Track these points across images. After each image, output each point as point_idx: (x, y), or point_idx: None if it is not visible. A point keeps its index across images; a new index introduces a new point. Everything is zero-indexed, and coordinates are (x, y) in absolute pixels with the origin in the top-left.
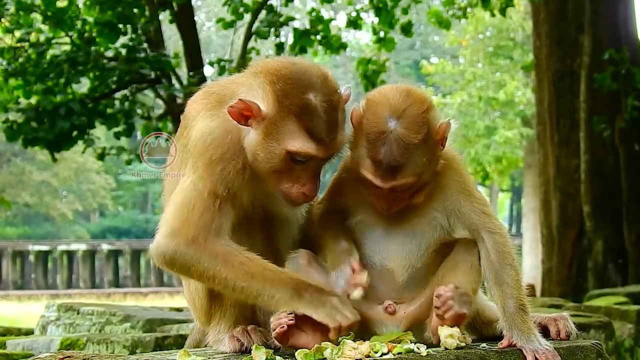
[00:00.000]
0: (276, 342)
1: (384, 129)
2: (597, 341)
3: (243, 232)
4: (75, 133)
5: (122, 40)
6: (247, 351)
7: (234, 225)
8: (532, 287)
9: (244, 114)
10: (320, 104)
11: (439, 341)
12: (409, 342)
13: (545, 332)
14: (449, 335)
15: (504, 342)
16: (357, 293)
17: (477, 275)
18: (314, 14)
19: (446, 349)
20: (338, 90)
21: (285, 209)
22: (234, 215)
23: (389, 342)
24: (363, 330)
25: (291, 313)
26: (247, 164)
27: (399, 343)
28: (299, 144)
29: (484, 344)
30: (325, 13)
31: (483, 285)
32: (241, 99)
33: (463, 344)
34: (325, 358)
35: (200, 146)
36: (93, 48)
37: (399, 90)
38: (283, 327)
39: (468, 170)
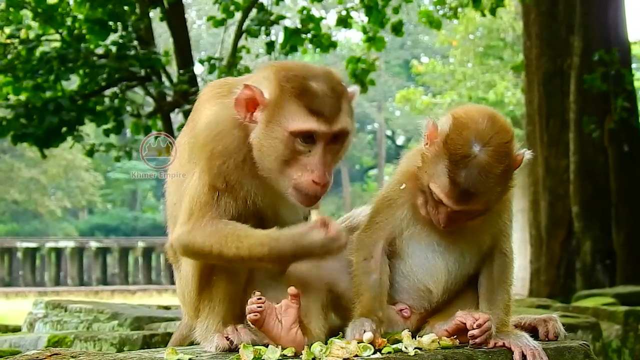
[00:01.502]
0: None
1: (469, 152)
2: (584, 342)
3: None
4: (64, 129)
5: (113, 37)
6: (235, 350)
7: (234, 218)
8: None
9: (249, 104)
10: (321, 88)
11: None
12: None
13: (534, 332)
14: (432, 341)
15: (491, 342)
16: (366, 336)
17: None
18: (304, 12)
19: (442, 347)
20: (343, 83)
21: (288, 212)
22: (234, 206)
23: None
24: None
25: (260, 298)
26: (248, 157)
27: (394, 344)
28: (300, 122)
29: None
30: (316, 12)
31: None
32: (245, 83)
33: (449, 344)
34: (315, 357)
35: (205, 136)
36: (83, 45)
37: (486, 115)
38: (256, 315)
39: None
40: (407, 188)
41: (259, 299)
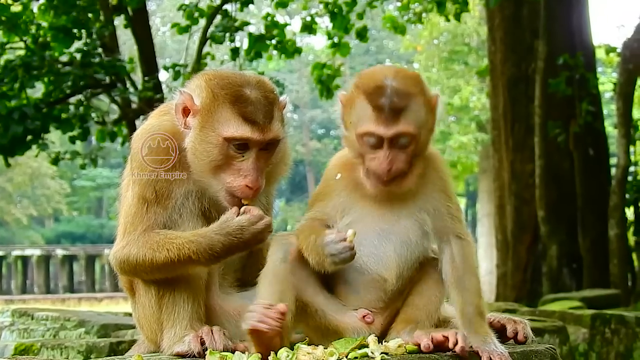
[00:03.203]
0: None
1: (382, 82)
2: (551, 345)
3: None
4: (29, 137)
5: (77, 45)
6: (202, 356)
7: (169, 227)
8: None
9: (184, 111)
10: (255, 96)
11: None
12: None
13: (502, 331)
14: (398, 346)
15: (458, 347)
16: (350, 232)
17: (442, 288)
18: (269, 18)
19: (408, 352)
20: (275, 92)
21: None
22: (164, 215)
23: (351, 348)
24: (334, 336)
25: (283, 313)
26: (179, 164)
27: (360, 349)
28: (234, 128)
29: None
30: (280, 18)
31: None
32: (180, 89)
33: (415, 349)
34: None
35: (137, 145)
36: (47, 53)
37: (389, 65)
38: (272, 329)
39: (450, 172)
40: (343, 177)
41: (282, 312)
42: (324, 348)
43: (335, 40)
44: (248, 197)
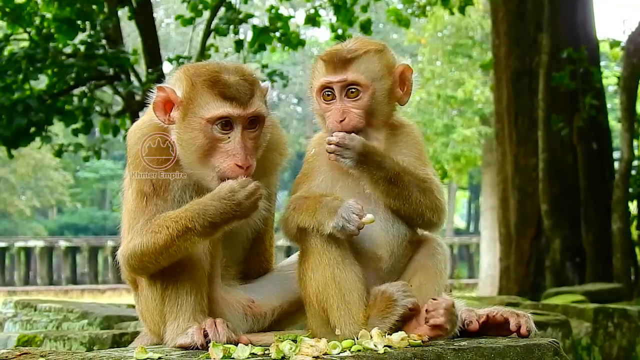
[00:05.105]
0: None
1: (338, 46)
2: (554, 339)
3: None
4: (33, 129)
5: (81, 36)
6: (205, 348)
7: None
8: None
9: (166, 106)
10: (233, 78)
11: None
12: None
13: (505, 325)
14: (401, 339)
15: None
16: (369, 216)
17: (440, 280)
18: (273, 11)
19: (411, 345)
20: (254, 76)
21: None
22: (164, 207)
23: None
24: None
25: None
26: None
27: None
28: (214, 108)
29: (441, 342)
30: (284, 10)
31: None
32: (158, 86)
33: (418, 342)
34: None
35: (130, 141)
36: (51, 44)
37: None
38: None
39: (424, 143)
40: (317, 152)
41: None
42: (327, 341)
43: (339, 32)
44: (238, 176)
